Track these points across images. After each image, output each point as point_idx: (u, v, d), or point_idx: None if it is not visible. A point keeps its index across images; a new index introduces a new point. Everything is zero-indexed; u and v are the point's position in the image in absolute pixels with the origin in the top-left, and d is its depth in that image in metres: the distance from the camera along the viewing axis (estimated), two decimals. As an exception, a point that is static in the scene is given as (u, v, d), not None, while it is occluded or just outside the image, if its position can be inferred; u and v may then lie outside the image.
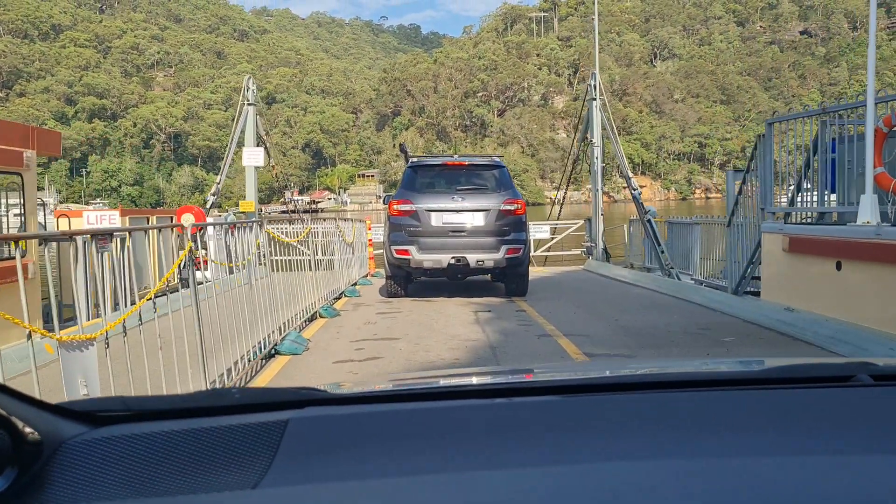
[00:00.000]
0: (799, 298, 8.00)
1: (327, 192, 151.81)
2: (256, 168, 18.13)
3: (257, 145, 18.20)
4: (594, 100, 17.74)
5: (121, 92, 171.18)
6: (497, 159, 12.52)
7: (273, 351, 7.52)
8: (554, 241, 20.15)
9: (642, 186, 19.76)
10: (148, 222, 12.49)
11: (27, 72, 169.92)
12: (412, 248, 11.13)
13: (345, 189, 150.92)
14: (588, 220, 19.08)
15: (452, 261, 11.09)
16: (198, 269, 11.70)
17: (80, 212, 12.21)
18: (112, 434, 1.10)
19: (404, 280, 11.88)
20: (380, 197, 75.09)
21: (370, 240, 17.71)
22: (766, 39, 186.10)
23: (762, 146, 9.35)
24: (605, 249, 18.03)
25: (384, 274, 12.30)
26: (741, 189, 9.68)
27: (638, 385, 1.50)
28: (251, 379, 6.68)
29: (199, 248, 10.92)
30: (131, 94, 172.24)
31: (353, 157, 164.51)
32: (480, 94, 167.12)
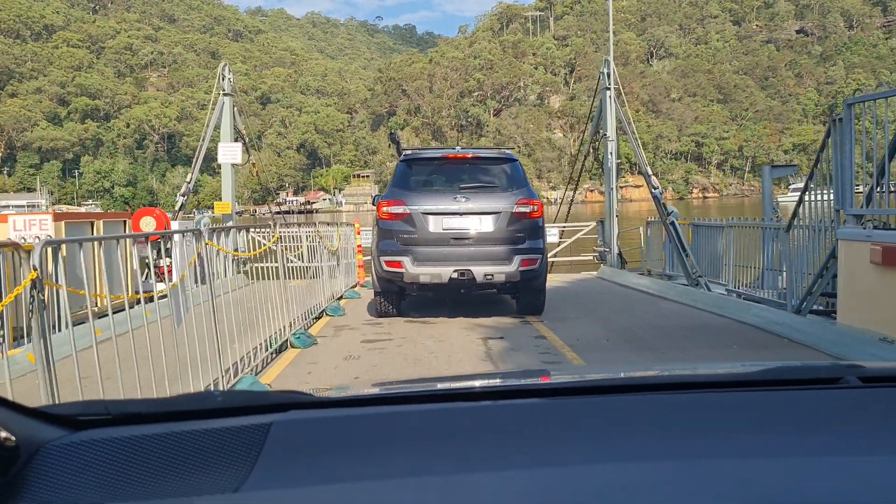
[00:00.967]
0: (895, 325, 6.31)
1: (322, 193, 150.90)
2: (234, 166, 16.40)
3: (235, 140, 16.43)
4: (608, 89, 16.05)
5: (114, 92, 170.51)
6: (508, 152, 10.54)
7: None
8: (562, 246, 18.34)
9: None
10: (92, 229, 10.60)
11: (19, 72, 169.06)
12: (405, 260, 9.29)
13: (340, 189, 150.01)
14: (600, 222, 17.46)
15: (455, 275, 9.24)
16: (161, 281, 10.01)
17: (6, 217, 10.42)
18: (92, 438, 1.08)
19: (396, 297, 10.07)
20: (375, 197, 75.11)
21: (359, 245, 15.92)
22: (763, 38, 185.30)
23: (838, 133, 7.45)
24: (621, 255, 16.47)
25: (372, 287, 10.44)
26: (806, 186, 7.95)
27: (627, 388, 1.49)
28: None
29: (162, 257, 9.22)
30: (124, 95, 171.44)
31: (349, 158, 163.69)
32: (476, 94, 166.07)
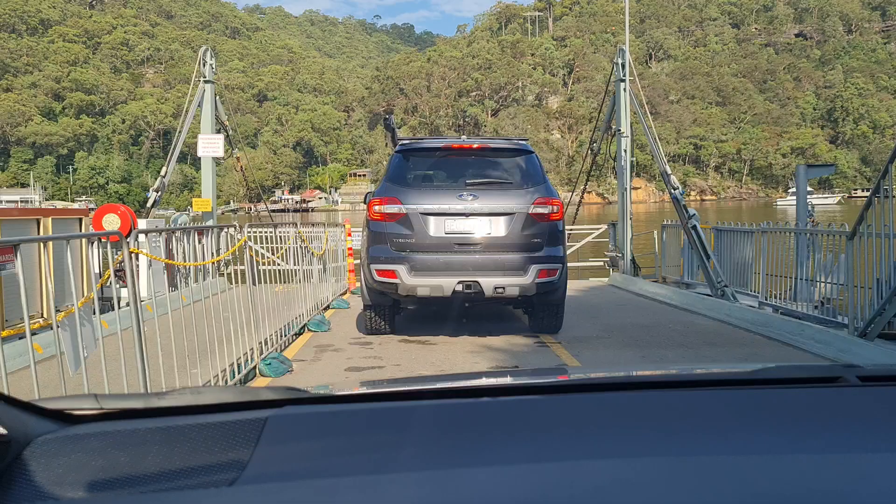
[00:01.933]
0: None
1: (318, 192, 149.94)
2: (215, 160, 15.11)
3: (217, 132, 15.12)
4: (622, 80, 14.79)
5: (109, 88, 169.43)
6: (523, 142, 9.01)
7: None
8: (570, 251, 17.08)
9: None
10: (38, 228, 8.97)
11: (14, 67, 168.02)
12: (401, 269, 7.93)
13: (336, 188, 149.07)
14: (612, 225, 16.22)
15: (459, 287, 7.91)
16: (124, 286, 8.85)
17: None
18: (84, 432, 1.08)
19: (389, 311, 8.71)
20: (371, 196, 72.39)
21: (350, 248, 14.58)
22: (762, 41, 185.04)
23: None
24: (634, 261, 15.29)
25: (362, 299, 8.93)
26: (877, 186, 6.77)
27: (625, 385, 1.48)
28: None
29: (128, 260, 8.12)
30: (120, 91, 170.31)
31: (345, 156, 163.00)
32: (474, 94, 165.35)
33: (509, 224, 8.06)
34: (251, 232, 8.34)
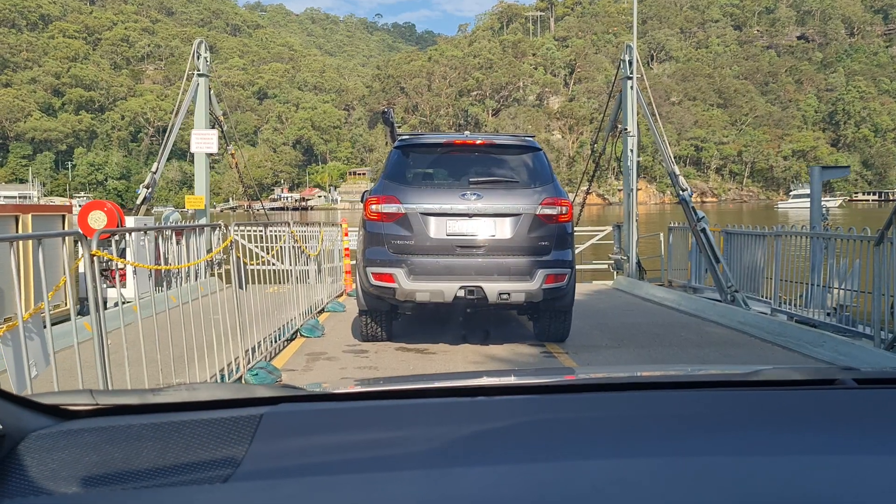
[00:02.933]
0: None
1: (318, 190, 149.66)
2: (210, 156, 14.59)
3: (212, 127, 14.63)
4: (629, 78, 14.36)
5: (109, 84, 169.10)
6: (530, 139, 8.53)
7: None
8: (575, 253, 16.62)
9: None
10: (17, 225, 8.54)
11: (14, 62, 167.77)
12: (399, 272, 7.45)
13: (335, 187, 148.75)
14: (617, 227, 15.77)
15: (461, 292, 7.43)
16: (112, 286, 8.46)
17: None
18: (78, 427, 1.08)
19: (386, 317, 8.23)
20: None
21: (346, 248, 14.03)
22: (764, 44, 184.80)
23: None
24: (640, 264, 14.84)
25: (357, 303, 8.40)
26: None
27: (623, 386, 1.48)
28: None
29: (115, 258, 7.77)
30: (120, 87, 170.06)
31: (345, 155, 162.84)
32: (475, 93, 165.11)
33: (515, 226, 7.61)
34: (240, 231, 7.93)
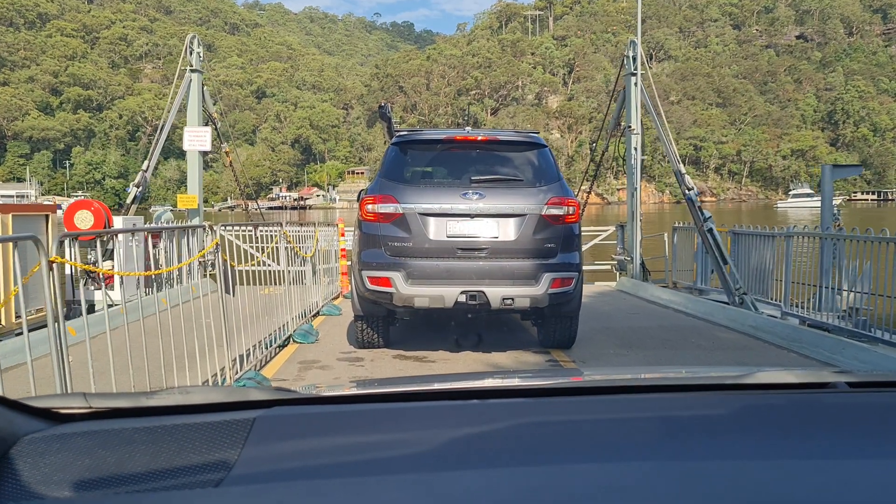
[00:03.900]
0: None
1: (316, 189, 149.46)
2: (204, 153, 14.15)
3: (206, 124, 14.20)
4: (633, 74, 14.00)
5: (107, 83, 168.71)
6: (535, 134, 8.14)
7: None
8: None
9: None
10: None
11: (11, 60, 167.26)
12: (396, 276, 7.08)
13: (334, 186, 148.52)
14: (620, 227, 15.40)
15: (462, 297, 7.07)
16: (98, 288, 8.22)
17: None
18: (71, 431, 1.07)
19: (383, 322, 7.88)
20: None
21: (343, 249, 13.54)
22: (763, 43, 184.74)
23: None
24: (643, 265, 14.50)
25: (352, 308, 8.01)
26: None
27: (614, 389, 1.48)
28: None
29: (100, 260, 7.57)
30: (118, 86, 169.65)
31: (343, 154, 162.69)
32: (474, 92, 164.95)
33: (520, 227, 7.24)
34: (229, 232, 7.68)
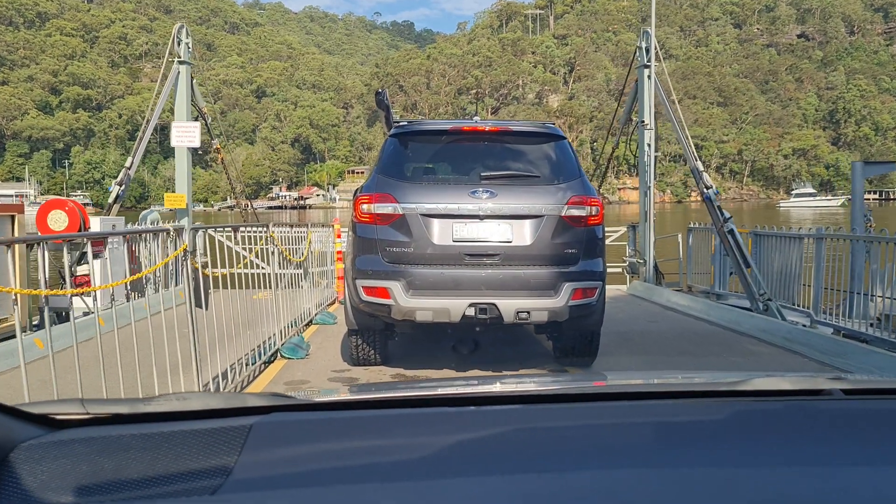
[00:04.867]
0: None
1: (316, 189, 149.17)
2: (191, 150, 13.40)
3: (195, 119, 13.50)
4: (647, 66, 13.23)
5: (107, 82, 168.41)
6: (552, 126, 7.13)
7: None
8: None
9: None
10: None
11: (11, 60, 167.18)
12: (395, 286, 6.17)
13: (334, 185, 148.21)
14: (632, 227, 14.74)
15: (471, 311, 6.14)
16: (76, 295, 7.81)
17: None
18: (69, 437, 1.07)
19: (380, 337, 6.93)
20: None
21: (339, 251, 12.41)
22: (764, 42, 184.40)
23: None
24: (657, 267, 13.85)
25: (346, 321, 7.08)
26: None
27: (609, 396, 1.48)
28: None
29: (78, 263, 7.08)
30: (117, 85, 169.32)
31: (343, 153, 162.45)
32: (474, 91, 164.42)
33: (536, 229, 6.32)
34: (206, 233, 7.15)
